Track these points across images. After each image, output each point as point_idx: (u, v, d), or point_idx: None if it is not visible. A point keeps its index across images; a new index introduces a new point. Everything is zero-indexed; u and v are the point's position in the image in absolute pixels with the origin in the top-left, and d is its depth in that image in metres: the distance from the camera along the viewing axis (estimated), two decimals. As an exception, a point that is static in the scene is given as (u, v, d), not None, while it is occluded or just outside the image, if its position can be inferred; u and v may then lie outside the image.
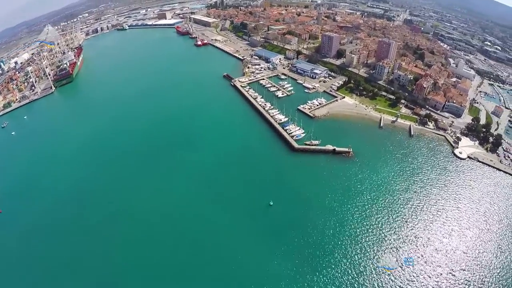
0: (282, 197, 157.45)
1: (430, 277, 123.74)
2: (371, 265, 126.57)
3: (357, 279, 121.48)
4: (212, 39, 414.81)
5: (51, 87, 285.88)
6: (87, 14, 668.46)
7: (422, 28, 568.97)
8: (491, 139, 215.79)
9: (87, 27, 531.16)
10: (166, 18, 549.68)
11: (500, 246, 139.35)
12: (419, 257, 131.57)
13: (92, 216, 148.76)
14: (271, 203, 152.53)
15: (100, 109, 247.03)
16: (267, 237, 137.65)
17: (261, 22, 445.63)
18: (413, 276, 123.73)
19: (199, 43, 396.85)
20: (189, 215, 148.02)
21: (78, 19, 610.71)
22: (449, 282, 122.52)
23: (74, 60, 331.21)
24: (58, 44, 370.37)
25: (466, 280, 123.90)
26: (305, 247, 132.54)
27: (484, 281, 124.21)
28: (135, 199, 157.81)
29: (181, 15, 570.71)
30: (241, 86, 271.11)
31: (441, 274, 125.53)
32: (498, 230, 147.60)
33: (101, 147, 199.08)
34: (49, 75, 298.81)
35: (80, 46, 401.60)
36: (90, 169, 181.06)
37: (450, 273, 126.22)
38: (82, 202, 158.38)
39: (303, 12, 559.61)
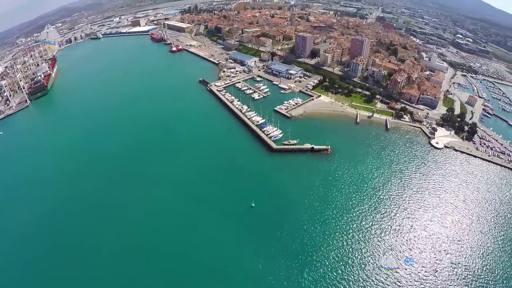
0: (263, 198, 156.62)
1: (416, 263, 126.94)
2: (358, 261, 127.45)
3: (344, 275, 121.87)
4: (187, 45, 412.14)
5: (26, 101, 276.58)
6: (60, 24, 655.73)
7: (395, 25, 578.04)
8: (466, 128, 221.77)
9: (60, 37, 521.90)
10: (140, 25, 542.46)
11: (481, 229, 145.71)
12: (403, 245, 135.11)
13: (75, 229, 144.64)
14: (253, 205, 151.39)
15: (77, 120, 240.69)
16: (251, 239, 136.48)
17: (235, 26, 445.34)
18: (400, 262, 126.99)
19: (174, 49, 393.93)
20: (171, 222, 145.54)
21: (52, 29, 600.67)
22: (435, 266, 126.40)
23: (49, 71, 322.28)
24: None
25: (451, 263, 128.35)
26: (291, 247, 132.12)
27: (468, 263, 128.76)
28: (117, 208, 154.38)
29: (155, 22, 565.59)
30: (217, 90, 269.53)
31: (426, 258, 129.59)
32: (479, 214, 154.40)
33: (81, 159, 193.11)
34: (24, 88, 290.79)
35: (54, 57, 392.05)
36: (71, 182, 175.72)
37: (435, 257, 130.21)
38: (65, 215, 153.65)
39: (276, 14, 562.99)
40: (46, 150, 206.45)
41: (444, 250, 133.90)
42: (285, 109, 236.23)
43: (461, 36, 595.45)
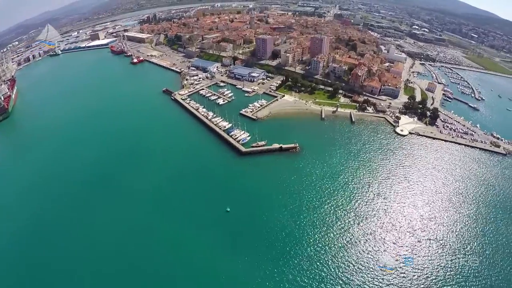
0: (238, 201, 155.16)
1: (394, 244, 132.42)
2: (338, 252, 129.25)
3: (326, 269, 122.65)
4: (147, 55, 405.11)
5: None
6: (17, 42, 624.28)
7: (352, 21, 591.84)
8: (428, 113, 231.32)
9: (18, 56, 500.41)
10: (99, 39, 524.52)
11: (451, 205, 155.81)
12: (380, 229, 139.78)
13: (46, 257, 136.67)
14: (228, 209, 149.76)
15: (42, 142, 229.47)
16: (230, 243, 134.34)
17: (195, 33, 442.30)
18: (378, 244, 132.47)
19: (135, 60, 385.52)
20: (147, 235, 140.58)
21: (8, 48, 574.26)
22: (412, 245, 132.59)
23: (8, 93, 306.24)
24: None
25: (427, 239, 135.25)
26: (271, 247, 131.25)
27: (443, 237, 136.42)
28: (91, 229, 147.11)
29: (114, 34, 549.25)
30: (181, 99, 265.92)
31: (403, 238, 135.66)
32: (448, 191, 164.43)
33: (50, 181, 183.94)
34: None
35: (13, 77, 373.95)
36: (40, 206, 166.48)
37: (411, 236, 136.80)
38: (35, 243, 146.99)
39: (235, 18, 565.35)
40: (11, 177, 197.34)
41: (419, 228, 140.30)
42: (251, 111, 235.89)
43: (417, 27, 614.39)
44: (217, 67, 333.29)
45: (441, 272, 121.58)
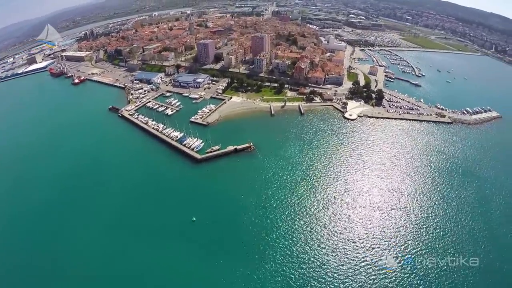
0: (202, 209, 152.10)
1: (361, 220, 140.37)
2: (313, 241, 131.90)
3: (303, 258, 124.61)
4: (89, 74, 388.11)
5: None
6: None
7: (290, 16, 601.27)
8: (373, 96, 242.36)
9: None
10: (37, 62, 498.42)
11: (407, 174, 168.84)
12: (345, 209, 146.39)
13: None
14: (194, 219, 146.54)
15: None
16: (202, 253, 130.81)
17: (135, 45, 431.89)
18: (346, 223, 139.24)
19: (76, 81, 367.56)
20: (115, 257, 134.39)
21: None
22: (377, 217, 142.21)
23: None
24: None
25: (391, 210, 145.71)
26: (244, 249, 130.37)
27: (406, 206, 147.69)
28: (55, 255, 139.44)
29: (52, 55, 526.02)
30: (129, 114, 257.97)
31: (367, 210, 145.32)
32: (402, 164, 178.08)
33: (8, 212, 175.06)
34: None
35: None
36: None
37: (375, 208, 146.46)
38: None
39: (175, 26, 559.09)
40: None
41: (382, 201, 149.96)
42: (201, 118, 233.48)
43: (353, 16, 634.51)
44: (161, 77, 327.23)
45: (408, 236, 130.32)
